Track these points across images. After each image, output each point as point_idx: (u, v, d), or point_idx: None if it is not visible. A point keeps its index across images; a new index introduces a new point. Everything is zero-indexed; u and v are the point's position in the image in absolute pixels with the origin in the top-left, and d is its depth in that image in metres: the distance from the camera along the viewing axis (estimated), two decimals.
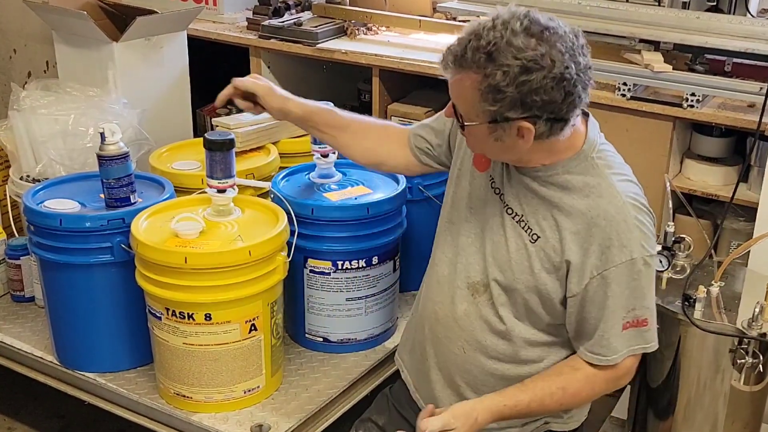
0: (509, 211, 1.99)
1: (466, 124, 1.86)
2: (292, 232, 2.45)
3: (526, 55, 1.74)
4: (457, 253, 2.08)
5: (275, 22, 3.61)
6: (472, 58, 1.77)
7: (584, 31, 3.03)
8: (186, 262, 2.24)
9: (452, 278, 2.09)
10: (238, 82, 2.24)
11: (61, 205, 2.51)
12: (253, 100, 2.25)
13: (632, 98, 2.92)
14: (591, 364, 1.98)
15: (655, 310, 1.98)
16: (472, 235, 2.06)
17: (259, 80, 2.29)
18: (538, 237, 1.94)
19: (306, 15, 3.70)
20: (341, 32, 3.61)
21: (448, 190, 2.16)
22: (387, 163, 2.31)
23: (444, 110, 1.95)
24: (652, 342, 1.99)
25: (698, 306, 2.32)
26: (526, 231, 1.96)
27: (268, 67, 3.66)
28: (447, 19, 3.51)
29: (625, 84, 2.91)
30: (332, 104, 2.33)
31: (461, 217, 2.09)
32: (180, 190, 2.65)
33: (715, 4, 3.11)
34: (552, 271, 1.94)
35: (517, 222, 1.97)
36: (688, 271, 2.48)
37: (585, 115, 1.97)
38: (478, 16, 3.05)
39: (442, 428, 1.88)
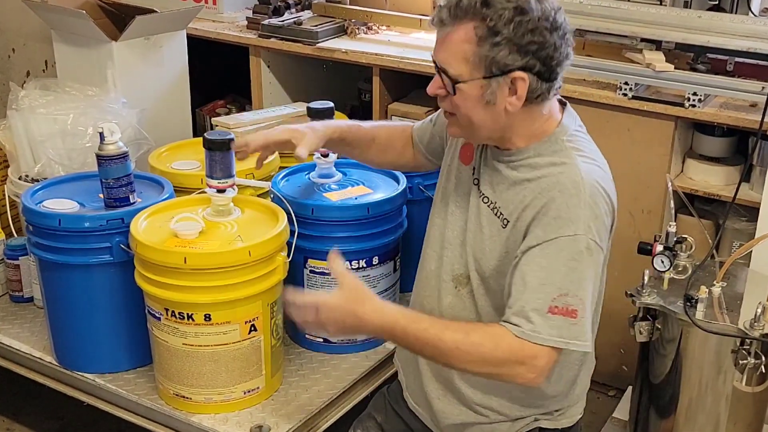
0: (485, 199, 2.01)
1: (458, 81, 1.86)
2: (292, 232, 2.44)
3: None
4: (444, 247, 2.09)
5: (275, 21, 3.61)
6: (468, 5, 1.82)
7: (586, 30, 3.07)
8: (185, 262, 2.24)
9: (438, 272, 2.10)
10: (271, 139, 2.24)
11: (60, 205, 2.51)
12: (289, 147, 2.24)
13: (634, 98, 2.91)
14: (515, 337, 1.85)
15: (590, 311, 1.85)
16: (457, 228, 2.07)
17: (292, 131, 2.26)
18: (508, 222, 1.95)
19: (306, 14, 3.70)
20: (341, 31, 3.61)
21: (438, 185, 2.17)
22: (407, 166, 2.38)
23: (429, 87, 1.95)
24: (582, 341, 1.83)
25: (700, 306, 2.32)
26: (498, 216, 1.97)
27: (268, 67, 3.66)
28: None
29: (626, 83, 2.91)
30: (353, 120, 2.40)
31: (448, 212, 2.10)
32: (179, 190, 2.65)
33: (717, 3, 3.11)
34: (514, 249, 1.92)
35: (491, 209, 1.99)
36: (690, 271, 2.48)
37: (563, 104, 2.00)
38: None
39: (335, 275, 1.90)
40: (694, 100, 2.83)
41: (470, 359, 1.83)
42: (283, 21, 3.60)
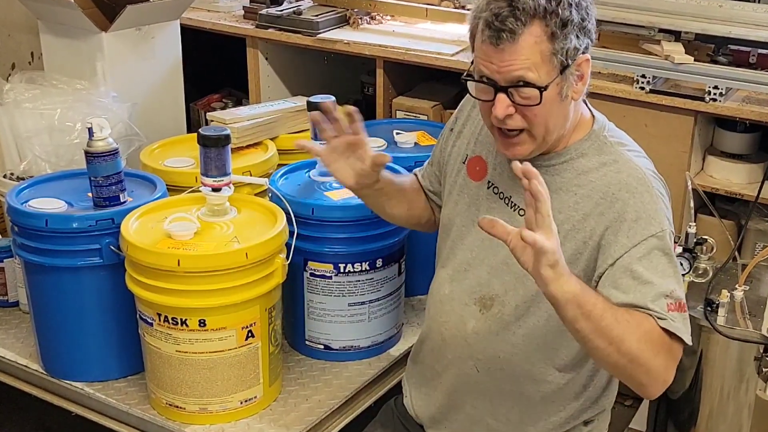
0: (521, 212, 1.99)
1: (545, 88, 1.83)
2: (291, 233, 2.45)
3: None
4: (462, 270, 2.09)
5: (273, 10, 3.61)
6: (530, 6, 1.79)
7: (601, 20, 3.07)
8: (179, 264, 2.24)
9: (457, 295, 2.09)
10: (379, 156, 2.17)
11: (47, 204, 2.52)
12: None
13: (651, 91, 2.91)
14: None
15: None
16: (476, 248, 2.07)
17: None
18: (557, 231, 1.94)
19: (306, 3, 3.70)
20: (343, 21, 3.61)
21: (443, 211, 2.18)
22: (424, 220, 2.35)
23: (498, 111, 1.86)
24: (687, 333, 1.88)
25: (721, 311, 2.33)
26: None
27: (266, 59, 3.66)
28: (455, 8, 3.51)
29: (643, 76, 2.91)
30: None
31: (461, 234, 2.10)
32: (173, 189, 2.65)
33: None
34: (576, 262, 1.93)
35: None
36: (711, 274, 2.49)
37: None
38: None
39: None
40: (715, 94, 2.83)
41: (632, 351, 1.78)
42: (281, 10, 3.60)
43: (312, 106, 2.60)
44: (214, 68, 4.08)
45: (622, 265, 1.85)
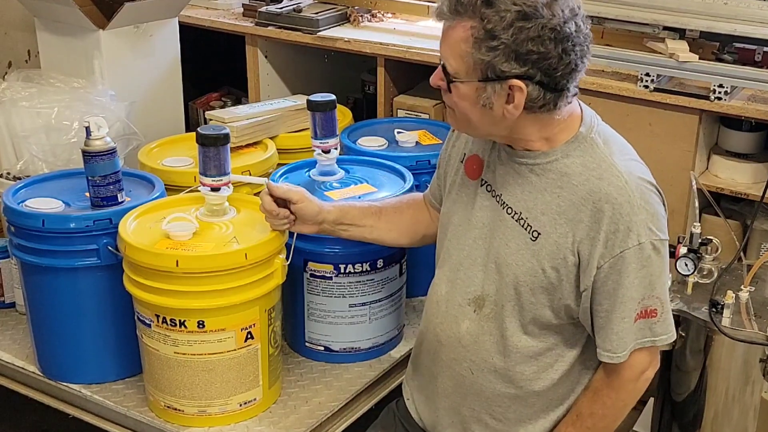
0: (509, 211, 2.00)
1: (454, 80, 1.88)
2: (291, 234, 2.44)
3: (526, 2, 1.79)
4: (456, 269, 2.09)
5: (273, 8, 3.61)
6: (468, 2, 1.81)
7: (605, 18, 3.07)
8: (177, 265, 2.24)
9: (451, 296, 2.10)
10: (273, 187, 2.26)
11: (44, 204, 2.51)
12: (286, 206, 2.26)
13: (656, 90, 2.91)
14: (604, 366, 2.01)
15: (668, 299, 1.98)
16: (468, 247, 2.07)
17: (292, 186, 2.31)
18: (539, 234, 1.95)
19: (306, 1, 3.70)
20: (344, 19, 3.61)
21: (442, 209, 2.19)
22: (429, 233, 2.33)
23: (431, 78, 1.97)
24: (664, 335, 1.98)
25: (726, 312, 2.32)
26: (525, 229, 1.97)
27: (266, 57, 3.66)
28: None
29: (648, 74, 2.90)
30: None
31: (457, 233, 2.10)
32: (171, 189, 2.65)
33: None
34: (559, 267, 1.94)
35: (516, 221, 1.99)
36: (716, 275, 2.48)
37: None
38: None
39: None
40: (719, 93, 2.82)
41: (611, 421, 2.10)
42: (281, 8, 3.60)
43: (312, 105, 2.59)
44: (212, 66, 4.08)
45: (599, 281, 1.92)
